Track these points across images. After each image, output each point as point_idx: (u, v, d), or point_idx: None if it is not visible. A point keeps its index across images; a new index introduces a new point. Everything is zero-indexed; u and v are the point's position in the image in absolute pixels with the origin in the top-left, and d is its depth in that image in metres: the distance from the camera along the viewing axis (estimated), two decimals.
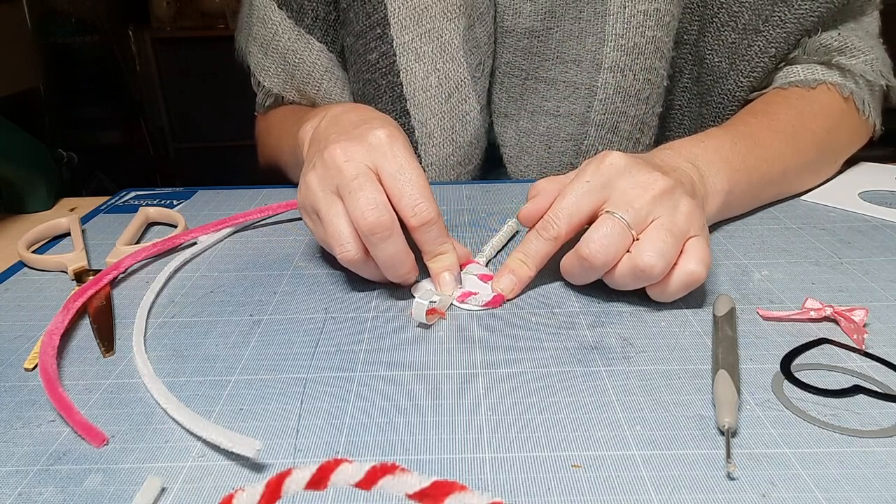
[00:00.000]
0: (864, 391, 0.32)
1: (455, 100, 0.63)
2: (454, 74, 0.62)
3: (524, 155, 0.68)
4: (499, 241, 0.48)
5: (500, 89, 0.66)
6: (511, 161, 0.69)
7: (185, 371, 0.36)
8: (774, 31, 0.58)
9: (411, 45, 0.61)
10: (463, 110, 0.64)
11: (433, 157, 0.66)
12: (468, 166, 0.68)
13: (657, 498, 0.26)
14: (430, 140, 0.65)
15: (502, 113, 0.67)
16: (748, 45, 0.59)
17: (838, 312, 0.38)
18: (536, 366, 0.35)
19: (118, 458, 0.30)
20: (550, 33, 0.62)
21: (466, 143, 0.65)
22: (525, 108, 0.66)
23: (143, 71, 2.32)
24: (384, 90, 0.63)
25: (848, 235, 0.49)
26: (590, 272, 0.39)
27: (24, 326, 0.41)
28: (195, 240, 0.51)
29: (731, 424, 0.29)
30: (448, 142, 0.65)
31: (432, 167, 0.67)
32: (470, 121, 0.64)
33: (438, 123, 0.64)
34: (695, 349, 0.36)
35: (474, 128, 0.65)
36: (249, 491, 0.20)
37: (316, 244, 0.51)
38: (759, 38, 0.59)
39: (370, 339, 0.38)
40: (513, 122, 0.67)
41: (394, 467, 0.20)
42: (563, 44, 0.63)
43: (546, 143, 0.66)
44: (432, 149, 0.65)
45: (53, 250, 0.52)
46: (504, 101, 0.67)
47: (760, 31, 0.58)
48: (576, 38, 0.62)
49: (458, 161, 0.67)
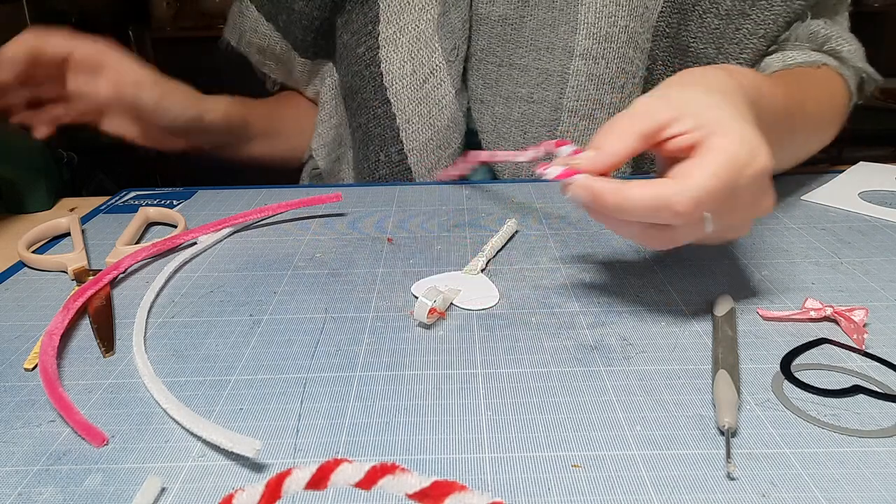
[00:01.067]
0: (864, 391, 0.32)
1: (430, 85, 0.65)
2: (428, 60, 0.65)
3: (501, 141, 0.68)
4: (499, 241, 0.48)
5: (476, 76, 0.67)
6: (489, 147, 0.70)
7: (185, 371, 0.36)
8: (762, 14, 0.59)
9: (392, 37, 0.65)
10: (438, 94, 0.66)
11: (414, 143, 0.68)
12: (448, 150, 0.69)
13: (657, 498, 0.26)
14: (410, 126, 0.67)
15: (479, 99, 0.68)
16: (735, 28, 0.60)
17: (838, 312, 0.38)
18: (536, 366, 0.35)
19: (118, 458, 0.30)
20: (524, 21, 0.63)
21: (444, 127, 0.67)
22: (500, 94, 0.67)
23: None
24: (367, 80, 0.67)
25: (848, 235, 0.49)
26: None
27: (24, 326, 0.41)
28: (195, 240, 0.51)
29: (731, 424, 0.29)
30: (426, 126, 0.67)
31: (413, 152, 0.68)
32: (446, 104, 0.66)
33: (416, 109, 0.66)
34: (695, 349, 0.36)
35: (450, 111, 0.67)
36: (249, 491, 0.20)
37: (316, 244, 0.51)
38: (746, 21, 0.59)
39: (370, 339, 0.38)
40: (489, 109, 0.68)
41: (394, 467, 0.20)
42: (537, 31, 0.63)
43: (521, 129, 0.67)
44: (412, 134, 0.67)
45: (53, 250, 0.52)
46: (480, 87, 0.68)
47: (748, 14, 0.59)
48: (549, 26, 0.63)
49: (437, 145, 0.68)
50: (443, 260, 0.48)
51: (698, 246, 0.48)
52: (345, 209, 0.58)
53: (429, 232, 0.53)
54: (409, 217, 0.56)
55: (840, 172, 0.62)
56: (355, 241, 0.51)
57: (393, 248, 0.50)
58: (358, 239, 0.52)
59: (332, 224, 0.55)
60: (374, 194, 0.61)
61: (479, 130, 0.70)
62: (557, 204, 0.58)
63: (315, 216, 0.57)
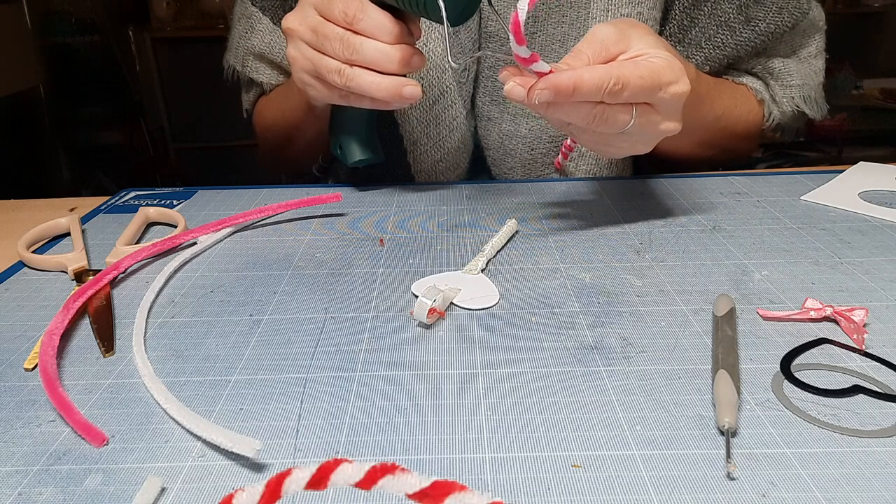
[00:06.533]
0: (864, 391, 0.32)
1: (440, 106, 0.65)
2: (439, 81, 0.63)
3: (507, 157, 0.68)
4: (499, 241, 0.48)
5: (484, 93, 0.67)
6: (495, 164, 0.70)
7: (185, 371, 0.36)
8: (714, 52, 0.64)
9: None
10: (449, 116, 0.65)
11: (421, 164, 0.68)
12: (456, 171, 0.69)
13: (657, 498, 0.26)
14: (417, 147, 0.66)
15: (486, 116, 0.68)
16: (687, 56, 0.64)
17: (838, 312, 0.38)
18: (536, 366, 0.35)
19: (118, 458, 0.30)
20: (534, 37, 0.63)
21: (454, 149, 0.67)
22: (507, 111, 0.67)
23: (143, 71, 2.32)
24: None
25: (848, 235, 0.49)
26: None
27: (24, 326, 0.41)
28: (195, 240, 0.51)
29: (731, 424, 0.29)
30: (435, 148, 0.67)
31: (421, 174, 0.68)
32: (456, 126, 0.66)
33: (424, 131, 0.66)
34: (695, 349, 0.36)
35: (460, 133, 0.66)
36: (249, 491, 0.20)
37: (316, 244, 0.51)
38: (698, 52, 0.64)
39: (370, 339, 0.38)
40: (496, 126, 0.68)
41: (394, 467, 0.20)
42: (546, 48, 0.63)
43: (528, 144, 0.67)
44: (420, 156, 0.67)
45: (53, 250, 0.52)
46: (487, 104, 0.67)
47: (702, 47, 0.64)
48: (558, 41, 0.63)
49: (446, 167, 0.68)
50: (443, 260, 0.48)
51: (698, 245, 0.48)
52: (345, 209, 0.58)
53: (429, 232, 0.53)
54: (409, 217, 0.56)
55: (840, 172, 0.62)
56: (355, 241, 0.51)
57: (393, 248, 0.50)
58: (358, 239, 0.52)
59: (333, 224, 0.55)
60: (374, 194, 0.61)
61: (485, 147, 0.69)
62: (557, 204, 0.58)
63: (315, 216, 0.57)
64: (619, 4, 0.60)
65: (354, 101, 0.52)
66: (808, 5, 0.62)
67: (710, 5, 0.63)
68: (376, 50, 0.48)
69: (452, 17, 0.45)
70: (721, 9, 0.62)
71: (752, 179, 0.62)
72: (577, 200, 0.58)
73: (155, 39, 2.31)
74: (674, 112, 0.46)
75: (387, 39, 0.48)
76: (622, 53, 0.45)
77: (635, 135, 0.46)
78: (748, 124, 0.65)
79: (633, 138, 0.46)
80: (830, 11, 2.14)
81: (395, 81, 0.49)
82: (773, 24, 0.62)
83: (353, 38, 0.48)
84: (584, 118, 0.43)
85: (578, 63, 0.43)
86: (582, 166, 0.67)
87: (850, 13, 2.28)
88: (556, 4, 0.61)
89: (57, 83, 2.03)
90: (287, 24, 0.51)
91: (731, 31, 0.62)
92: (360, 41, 0.48)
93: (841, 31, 2.12)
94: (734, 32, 0.62)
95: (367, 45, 0.48)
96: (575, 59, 0.43)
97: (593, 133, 0.46)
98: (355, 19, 0.48)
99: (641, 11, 0.61)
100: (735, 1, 0.62)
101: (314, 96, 0.54)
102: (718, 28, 0.63)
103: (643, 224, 0.53)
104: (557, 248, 0.49)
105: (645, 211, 0.55)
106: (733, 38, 0.63)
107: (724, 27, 0.62)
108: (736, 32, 0.62)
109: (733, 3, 0.62)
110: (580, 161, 0.67)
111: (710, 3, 0.63)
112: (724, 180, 0.62)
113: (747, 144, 0.69)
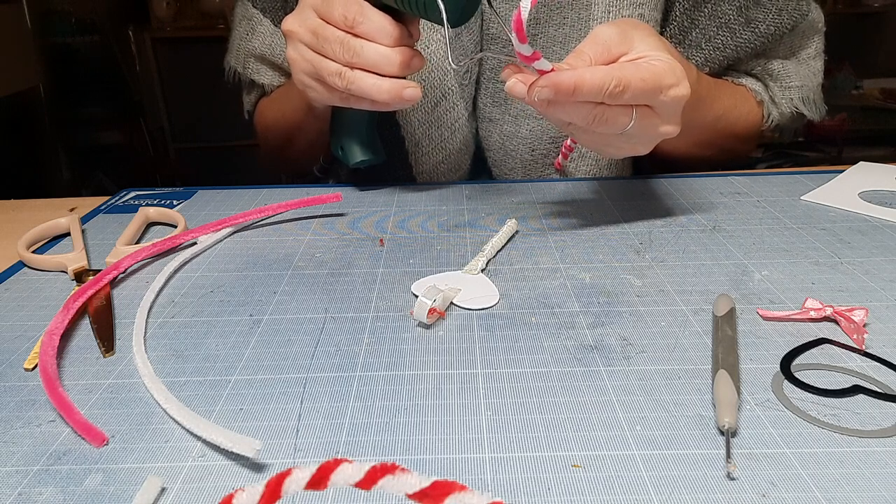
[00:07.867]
0: (864, 391, 0.32)
1: (443, 108, 0.65)
2: (441, 84, 0.63)
3: (508, 158, 0.69)
4: (499, 241, 0.48)
5: (486, 94, 0.67)
6: (496, 164, 0.70)
7: (185, 371, 0.36)
8: (714, 53, 0.64)
9: None
10: (451, 118, 0.65)
11: (423, 166, 0.68)
12: (458, 172, 0.69)
13: (657, 498, 0.26)
14: (419, 149, 0.66)
15: (487, 118, 0.68)
16: (687, 57, 0.64)
17: (838, 312, 0.38)
18: (536, 366, 0.35)
19: (118, 458, 0.30)
20: (535, 39, 0.63)
21: (456, 150, 0.67)
22: (509, 112, 0.67)
23: (143, 71, 2.32)
24: None
25: (848, 235, 0.49)
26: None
27: (24, 326, 0.41)
28: (195, 240, 0.51)
29: (731, 424, 0.29)
30: (437, 150, 0.67)
31: (423, 175, 0.68)
32: (458, 128, 0.66)
33: (426, 132, 0.66)
34: (695, 349, 0.36)
35: (462, 135, 0.66)
36: (249, 491, 0.20)
37: (316, 244, 0.51)
38: (698, 53, 0.64)
39: (370, 339, 0.38)
40: (497, 127, 0.68)
41: (394, 467, 0.20)
42: (548, 49, 0.63)
43: (529, 145, 0.67)
44: (422, 157, 0.67)
45: (53, 250, 0.52)
46: (489, 105, 0.67)
47: (702, 48, 0.64)
48: (560, 43, 0.63)
49: (448, 168, 0.68)
50: (443, 260, 0.48)
51: (698, 245, 0.48)
52: (345, 209, 0.58)
53: (429, 232, 0.53)
54: (409, 217, 0.56)
55: (840, 172, 0.62)
56: (355, 241, 0.51)
57: (393, 248, 0.50)
58: (358, 239, 0.52)
59: (333, 224, 0.55)
60: (374, 194, 0.61)
61: (486, 148, 0.69)
62: (557, 204, 0.58)
63: (315, 216, 0.57)
64: (620, 6, 0.61)
65: (355, 103, 0.52)
66: (808, 7, 0.62)
67: (710, 7, 0.63)
68: (377, 53, 0.48)
69: (452, 19, 0.45)
70: (721, 10, 0.62)
71: (752, 179, 0.62)
72: (577, 200, 0.58)
73: (155, 39, 2.31)
74: (673, 115, 0.46)
75: (387, 42, 0.48)
76: (624, 55, 0.45)
77: (635, 136, 0.46)
78: (747, 125, 0.66)
79: (632, 139, 0.46)
80: (830, 11, 2.14)
81: (396, 83, 0.49)
82: (772, 25, 0.62)
83: (354, 42, 0.48)
84: (584, 118, 0.43)
85: (580, 63, 0.43)
86: (582, 166, 0.67)
87: (850, 13, 2.28)
88: (558, 6, 0.62)
89: (57, 83, 2.03)
90: (287, 27, 0.51)
91: (731, 33, 0.63)
92: (361, 44, 0.48)
93: (841, 31, 2.12)
94: (734, 34, 0.63)
95: (368, 48, 0.48)
96: (577, 60, 0.43)
97: (593, 133, 0.46)
98: (355, 22, 0.48)
99: (643, 13, 0.61)
100: (735, 3, 0.62)
101: (314, 98, 0.54)
102: (718, 30, 0.63)
103: (643, 224, 0.53)
104: (557, 248, 0.49)
105: (645, 211, 0.55)
106: (733, 40, 0.63)
107: (724, 29, 0.63)
108: (736, 34, 0.63)
109: (733, 5, 0.62)
110: (580, 161, 0.67)
111: (710, 5, 0.63)
112: (724, 180, 0.62)
113: (746, 145, 0.69)
